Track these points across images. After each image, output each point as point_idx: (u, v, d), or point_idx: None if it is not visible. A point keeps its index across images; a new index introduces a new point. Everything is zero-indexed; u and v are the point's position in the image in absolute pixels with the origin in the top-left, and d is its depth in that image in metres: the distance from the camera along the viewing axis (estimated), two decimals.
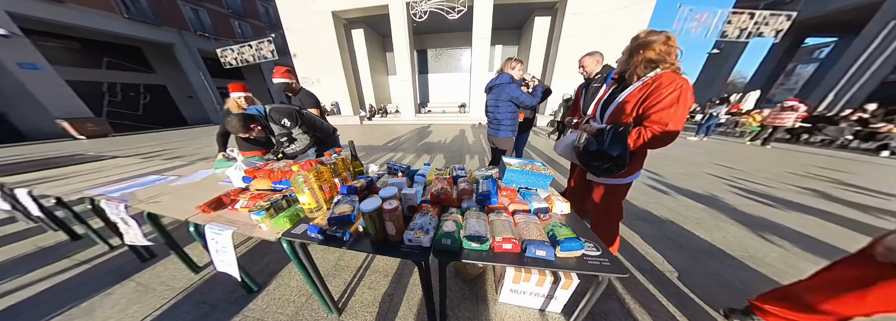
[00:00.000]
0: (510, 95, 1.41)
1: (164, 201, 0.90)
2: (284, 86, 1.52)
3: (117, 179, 1.17)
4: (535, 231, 0.60)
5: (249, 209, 0.68)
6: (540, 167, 0.85)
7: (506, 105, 1.45)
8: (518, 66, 1.44)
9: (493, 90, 1.48)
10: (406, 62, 7.28)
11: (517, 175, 0.82)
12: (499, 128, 1.54)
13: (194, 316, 0.87)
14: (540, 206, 0.72)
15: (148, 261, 1.20)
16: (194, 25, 10.12)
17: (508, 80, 1.41)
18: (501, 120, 1.51)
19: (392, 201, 0.56)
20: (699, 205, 1.77)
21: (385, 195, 0.59)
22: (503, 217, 0.65)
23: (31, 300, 0.99)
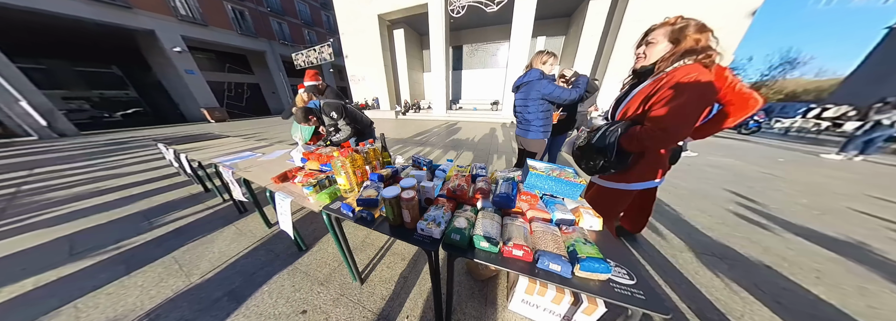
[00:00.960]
0: (541, 92, 1.24)
1: (253, 171, 1.21)
2: (313, 88, 1.76)
3: (229, 152, 1.63)
4: (552, 242, 0.55)
5: (302, 184, 0.85)
6: (570, 174, 0.76)
7: (536, 104, 1.30)
8: (549, 61, 1.26)
9: (520, 88, 1.35)
10: (441, 59, 7.34)
11: (542, 180, 0.75)
12: (528, 128, 1.39)
13: (265, 259, 1.17)
14: (563, 217, 0.65)
15: (243, 213, 1.64)
16: (278, 36, 12.73)
17: (538, 76, 1.25)
18: (531, 120, 1.36)
19: (409, 191, 0.60)
20: (827, 253, 1.24)
21: (405, 185, 0.64)
22: (519, 222, 0.62)
23: (182, 229, 1.51)
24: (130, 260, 1.24)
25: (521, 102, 1.36)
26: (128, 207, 1.87)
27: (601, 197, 0.86)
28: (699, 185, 2.13)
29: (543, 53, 1.26)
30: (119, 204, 1.94)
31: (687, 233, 1.37)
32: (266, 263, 1.14)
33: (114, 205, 1.92)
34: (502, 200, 0.69)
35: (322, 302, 0.92)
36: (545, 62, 1.26)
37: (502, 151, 3.35)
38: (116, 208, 1.86)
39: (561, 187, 0.74)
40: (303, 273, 1.07)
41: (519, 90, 1.37)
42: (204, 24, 9.44)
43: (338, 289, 0.98)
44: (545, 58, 1.26)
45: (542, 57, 1.26)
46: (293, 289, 0.99)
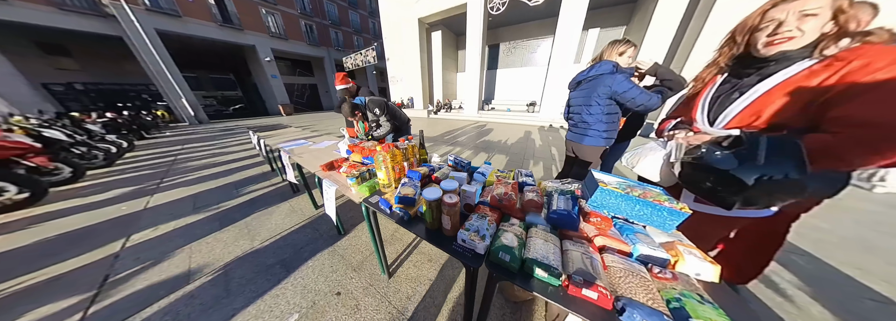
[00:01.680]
0: (613, 90, 0.97)
1: (304, 157, 1.38)
2: (345, 91, 1.81)
3: (289, 139, 1.93)
4: (640, 288, 0.40)
5: (347, 174, 0.89)
6: (661, 196, 0.56)
7: (602, 104, 1.04)
8: (629, 51, 1.00)
9: (582, 85, 1.11)
10: (476, 58, 7.14)
11: (615, 199, 0.57)
12: (586, 132, 1.13)
13: (311, 237, 1.32)
14: (651, 254, 0.48)
15: (295, 193, 1.92)
16: (334, 43, 14.79)
17: (611, 70, 0.99)
18: (591, 123, 1.11)
19: (452, 195, 0.54)
20: None
21: (446, 187, 0.58)
22: (586, 250, 0.48)
23: (254, 200, 1.86)
24: (223, 219, 1.60)
25: (580, 101, 1.12)
26: (227, 178, 2.44)
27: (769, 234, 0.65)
28: (862, 232, 1.41)
29: (619, 43, 1.00)
30: (223, 175, 2.55)
31: (833, 299, 0.91)
32: (311, 240, 1.29)
33: (220, 175, 2.54)
34: (562, 219, 0.56)
35: (354, 287, 0.97)
36: (622, 53, 1.00)
37: (540, 157, 3.01)
38: (221, 178, 2.45)
39: (646, 212, 0.55)
40: (340, 256, 1.16)
41: (579, 87, 1.14)
42: (285, 38, 11.73)
43: (367, 279, 1.01)
44: (622, 48, 1.00)
45: (617, 47, 1.00)
46: (331, 269, 1.07)
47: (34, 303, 0.97)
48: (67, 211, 1.82)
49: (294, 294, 0.95)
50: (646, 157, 0.69)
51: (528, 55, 9.08)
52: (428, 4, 7.69)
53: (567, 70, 5.56)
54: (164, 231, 1.48)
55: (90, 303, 0.96)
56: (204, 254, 1.24)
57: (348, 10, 15.66)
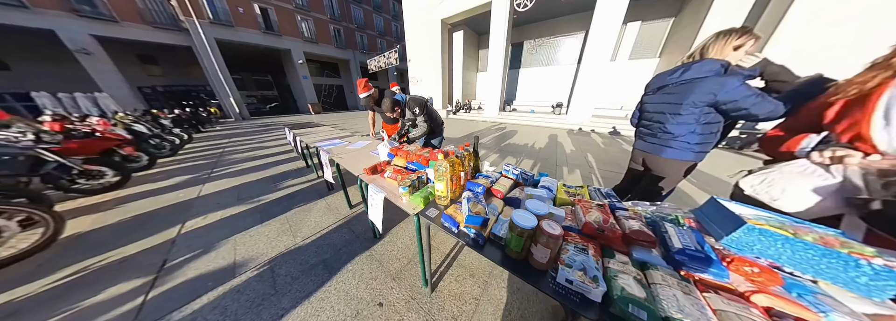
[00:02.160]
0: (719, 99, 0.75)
1: (344, 159, 1.38)
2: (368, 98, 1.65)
3: (325, 138, 1.98)
4: None
5: (399, 182, 0.84)
6: (854, 246, 0.39)
7: (697, 112, 0.82)
8: (747, 45, 0.76)
9: (669, 88, 0.89)
10: (499, 57, 6.93)
11: (774, 243, 0.42)
12: (668, 143, 0.92)
13: (348, 238, 1.31)
14: None
15: (330, 191, 1.97)
16: (359, 46, 15.57)
17: (718, 72, 0.76)
18: (678, 133, 0.88)
19: (554, 225, 0.44)
20: None
21: (537, 211, 0.48)
22: (751, 313, 0.35)
23: (292, 195, 1.94)
24: (264, 212, 1.68)
25: (663, 107, 0.91)
26: (266, 171, 2.62)
27: None
28: None
29: (733, 34, 0.75)
30: (262, 168, 2.75)
31: None
32: (349, 242, 1.28)
33: (259, 168, 2.75)
34: (699, 262, 0.42)
35: (395, 299, 0.92)
36: (738, 48, 0.75)
37: (574, 164, 2.75)
38: (261, 171, 2.64)
39: (831, 266, 0.39)
40: (377, 261, 1.12)
41: (663, 91, 0.93)
42: (316, 42, 12.65)
43: (408, 291, 0.95)
44: (738, 40, 0.74)
45: (730, 39, 0.75)
46: (370, 276, 1.04)
47: (109, 282, 1.08)
48: (141, 195, 2.08)
49: (338, 300, 0.92)
50: (792, 184, 0.52)
51: (554, 53, 8.60)
52: (451, 5, 7.68)
53: (601, 69, 5.10)
54: (213, 220, 1.59)
55: (150, 287, 1.04)
56: (248, 247, 1.29)
57: (373, 14, 16.41)
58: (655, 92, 0.97)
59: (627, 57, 6.88)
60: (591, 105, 5.55)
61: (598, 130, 5.24)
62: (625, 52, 6.86)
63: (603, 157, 3.01)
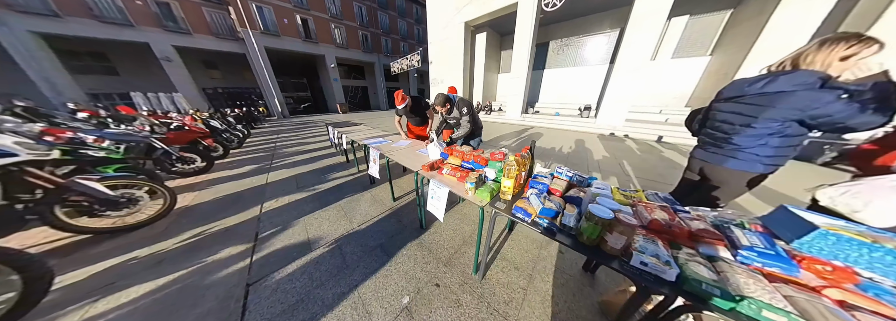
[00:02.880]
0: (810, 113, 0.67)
1: (396, 156, 1.57)
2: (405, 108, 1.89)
3: (368, 136, 2.22)
4: None
5: (461, 178, 0.98)
6: None
7: (776, 127, 0.75)
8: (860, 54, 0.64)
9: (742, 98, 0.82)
10: (524, 58, 6.86)
11: (851, 248, 0.46)
12: (734, 154, 0.85)
13: (397, 227, 1.49)
14: None
15: (371, 185, 2.20)
16: (384, 49, 16.47)
17: (812, 84, 0.67)
18: (745, 145, 0.82)
19: (629, 217, 0.53)
20: None
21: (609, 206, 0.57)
22: (827, 303, 0.40)
23: (340, 186, 2.21)
24: (321, 199, 1.95)
25: (735, 118, 0.84)
26: (314, 164, 2.98)
27: None
28: None
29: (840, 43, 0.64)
30: (309, 161, 3.13)
31: None
32: (399, 230, 1.45)
33: (308, 161, 3.12)
34: (770, 259, 0.48)
35: (450, 282, 1.05)
36: (846, 58, 0.65)
37: (607, 171, 2.68)
38: (309, 164, 3.00)
39: None
40: (427, 249, 1.28)
41: (737, 100, 0.84)
42: (346, 47, 13.72)
43: (460, 276, 1.08)
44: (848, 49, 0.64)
45: (837, 49, 0.65)
46: (424, 261, 1.19)
47: (221, 245, 1.38)
48: (224, 179, 2.53)
49: (399, 278, 1.09)
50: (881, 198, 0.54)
51: (583, 53, 8.25)
52: (476, 7, 7.81)
53: (638, 69, 4.81)
54: (283, 203, 1.90)
55: (252, 252, 1.31)
56: (315, 227, 1.53)
57: (398, 19, 17.27)
58: (728, 100, 0.90)
59: (670, 55, 6.31)
60: (625, 108, 5.24)
61: (634, 136, 4.92)
62: (667, 50, 6.31)
63: (641, 166, 2.85)
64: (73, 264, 1.21)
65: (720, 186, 0.95)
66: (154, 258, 1.30)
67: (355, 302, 0.96)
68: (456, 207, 1.70)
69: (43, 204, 1.27)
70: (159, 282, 1.10)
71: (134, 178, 1.57)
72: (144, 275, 1.15)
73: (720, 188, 0.95)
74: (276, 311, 0.93)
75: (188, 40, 9.04)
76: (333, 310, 0.93)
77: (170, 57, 8.70)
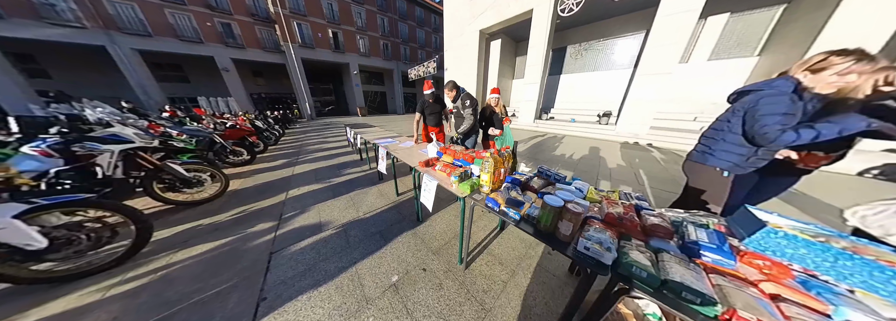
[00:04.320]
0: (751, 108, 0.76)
1: (400, 153, 1.74)
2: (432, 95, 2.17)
3: (379, 137, 2.46)
4: None
5: (449, 173, 1.10)
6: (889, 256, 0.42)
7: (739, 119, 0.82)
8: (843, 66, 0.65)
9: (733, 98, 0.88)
10: (538, 63, 6.79)
11: (796, 247, 0.48)
12: (708, 151, 0.91)
13: (396, 218, 1.65)
14: None
15: (379, 181, 2.42)
16: (403, 57, 17.48)
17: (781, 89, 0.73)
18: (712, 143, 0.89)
19: (577, 206, 0.60)
20: None
21: (565, 197, 0.64)
22: (753, 292, 0.43)
23: (352, 181, 2.47)
24: (335, 190, 2.21)
25: (724, 116, 0.89)
26: (331, 160, 3.33)
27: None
28: None
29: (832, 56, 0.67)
30: (328, 158, 3.50)
31: None
32: (398, 221, 1.61)
33: (327, 158, 3.50)
34: (709, 252, 0.51)
35: (436, 268, 1.16)
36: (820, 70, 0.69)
37: (619, 179, 2.54)
38: (328, 160, 3.37)
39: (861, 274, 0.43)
40: (420, 238, 1.40)
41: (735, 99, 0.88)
42: (368, 56, 14.93)
43: (446, 264, 1.18)
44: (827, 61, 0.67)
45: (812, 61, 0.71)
46: (416, 248, 1.32)
47: (256, 221, 1.67)
48: (262, 170, 2.98)
49: (392, 259, 1.22)
50: None
51: (603, 57, 7.88)
52: (492, 15, 8.00)
53: (665, 73, 4.47)
54: (304, 192, 2.19)
55: (276, 228, 1.56)
56: (327, 213, 1.76)
57: (416, 29, 18.33)
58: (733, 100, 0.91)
59: (706, 57, 5.71)
60: (650, 115, 4.86)
61: (660, 144, 4.53)
62: (702, 52, 5.72)
63: (660, 176, 2.63)
64: (162, 226, 1.59)
65: (695, 186, 0.96)
66: (212, 226, 1.63)
67: (352, 275, 1.12)
68: (452, 205, 1.81)
69: (146, 179, 1.70)
70: (215, 243, 1.40)
71: (202, 165, 1.98)
72: (206, 237, 1.47)
73: (699, 189, 0.95)
74: (288, 275, 1.13)
75: (242, 53, 10.79)
76: (334, 279, 1.10)
77: (228, 67, 10.41)
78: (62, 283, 1.10)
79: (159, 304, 0.99)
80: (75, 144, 1.45)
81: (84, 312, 0.96)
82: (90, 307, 0.99)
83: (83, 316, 0.95)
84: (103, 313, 0.96)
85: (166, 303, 0.99)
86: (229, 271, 1.17)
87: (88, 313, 0.96)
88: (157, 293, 1.05)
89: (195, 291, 1.05)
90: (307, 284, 1.07)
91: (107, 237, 1.22)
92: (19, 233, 0.99)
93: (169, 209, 1.82)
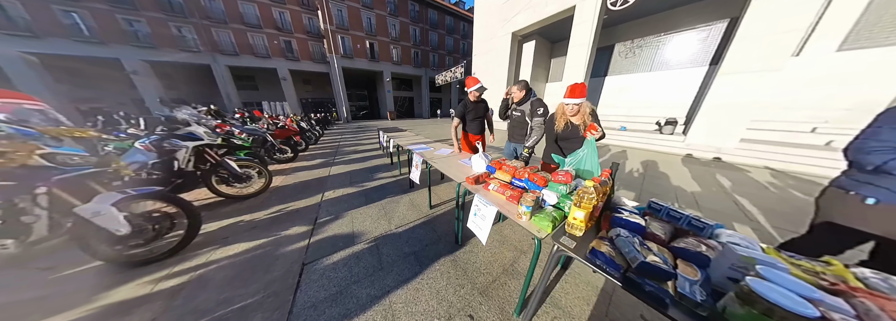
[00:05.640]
0: None
1: (438, 163, 1.57)
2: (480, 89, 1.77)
3: (413, 142, 2.35)
4: None
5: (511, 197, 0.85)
6: None
7: None
8: None
9: None
10: (580, 65, 6.10)
11: None
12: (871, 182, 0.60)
13: (432, 237, 1.46)
14: None
15: (411, 188, 2.29)
16: (431, 64, 18.07)
17: None
18: None
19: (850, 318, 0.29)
20: None
21: (797, 289, 0.34)
22: None
23: (383, 186, 2.40)
24: (367, 195, 2.15)
25: None
26: (365, 163, 3.39)
27: None
28: None
29: None
30: (362, 160, 3.59)
31: None
32: (433, 241, 1.41)
33: (361, 160, 3.60)
34: None
35: (485, 316, 0.91)
36: None
37: (713, 209, 1.88)
38: (362, 162, 3.45)
39: None
40: (462, 268, 1.17)
41: None
42: (400, 64, 15.90)
43: (498, 313, 0.92)
44: None
45: None
46: (457, 283, 1.09)
47: (291, 223, 1.67)
48: (302, 168, 3.19)
49: (430, 296, 1.02)
50: None
51: (664, 55, 6.70)
52: (526, 16, 7.61)
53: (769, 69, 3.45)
54: (338, 195, 2.19)
55: (310, 234, 1.52)
56: (360, 222, 1.67)
57: (446, 36, 18.90)
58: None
59: (834, 46, 4.10)
60: (741, 124, 3.81)
61: (756, 162, 3.49)
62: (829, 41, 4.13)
63: (777, 209, 1.87)
64: (208, 219, 1.72)
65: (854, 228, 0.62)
66: (251, 224, 1.69)
67: (386, 309, 0.95)
68: (495, 226, 1.54)
69: (207, 173, 1.88)
70: (251, 244, 1.41)
71: (252, 162, 2.15)
72: (244, 236, 1.51)
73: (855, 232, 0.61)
74: (319, 297, 1.02)
75: (297, 65, 12.74)
76: (366, 311, 0.94)
77: (286, 77, 12.29)
78: (133, 267, 1.20)
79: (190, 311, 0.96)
80: (166, 141, 1.67)
81: (133, 307, 1.00)
82: (138, 302, 1.02)
83: (132, 311, 0.98)
84: (147, 312, 0.97)
85: (195, 312, 0.96)
86: (258, 281, 1.12)
87: (136, 308, 0.99)
88: (191, 296, 1.04)
89: (222, 303, 1.00)
90: (337, 314, 0.93)
91: (166, 228, 1.31)
92: (113, 220, 1.10)
93: (217, 202, 1.98)
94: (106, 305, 1.00)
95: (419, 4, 15.95)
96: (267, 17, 11.46)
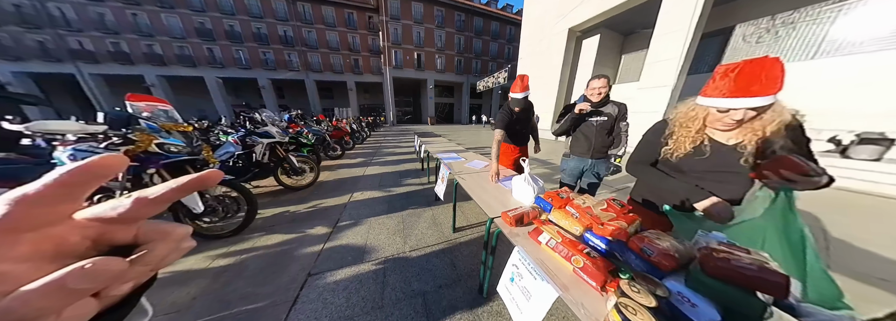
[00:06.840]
0: None
1: (466, 181, 1.25)
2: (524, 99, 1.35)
3: (443, 149, 2.15)
4: None
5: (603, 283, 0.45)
6: None
7: None
8: None
9: None
10: (673, 58, 4.53)
11: None
12: None
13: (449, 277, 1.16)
14: None
15: (435, 202, 2.07)
16: (473, 70, 18.09)
17: None
18: None
19: None
20: None
21: None
22: None
23: (408, 194, 2.28)
24: (390, 203, 2.06)
25: None
26: (397, 166, 3.45)
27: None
28: None
29: None
30: (395, 163, 3.68)
31: None
32: (450, 282, 1.11)
33: (394, 163, 3.70)
34: None
35: None
36: None
37: None
38: (395, 165, 3.53)
39: None
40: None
41: None
42: (443, 72, 16.76)
43: None
44: None
45: None
46: None
47: (317, 221, 1.71)
48: (345, 165, 3.53)
49: None
50: None
51: (836, 32, 4.23)
52: (590, 7, 6.39)
53: None
54: (365, 197, 2.20)
55: (326, 239, 1.48)
56: (375, 233, 1.54)
57: (490, 43, 18.72)
58: None
59: None
60: None
61: None
62: None
63: None
64: (267, 205, 1.98)
65: None
66: (292, 215, 1.83)
67: None
68: None
69: (276, 165, 2.24)
70: (284, 237, 1.50)
71: (309, 157, 2.46)
72: (284, 227, 1.63)
73: None
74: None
75: (360, 77, 15.62)
76: None
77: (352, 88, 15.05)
78: (207, 240, 1.44)
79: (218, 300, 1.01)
80: (248, 137, 2.06)
81: (189, 279, 1.13)
82: (195, 275, 1.16)
83: (187, 282, 1.10)
84: (195, 288, 1.07)
85: (221, 302, 0.99)
86: (272, 283, 1.11)
87: (191, 281, 1.12)
88: (227, 282, 1.11)
89: (243, 298, 1.01)
90: None
91: (233, 211, 1.53)
92: (193, 199, 1.32)
93: (274, 191, 2.32)
94: (174, 272, 1.17)
95: (466, 14, 16.56)
96: (343, 40, 14.84)
